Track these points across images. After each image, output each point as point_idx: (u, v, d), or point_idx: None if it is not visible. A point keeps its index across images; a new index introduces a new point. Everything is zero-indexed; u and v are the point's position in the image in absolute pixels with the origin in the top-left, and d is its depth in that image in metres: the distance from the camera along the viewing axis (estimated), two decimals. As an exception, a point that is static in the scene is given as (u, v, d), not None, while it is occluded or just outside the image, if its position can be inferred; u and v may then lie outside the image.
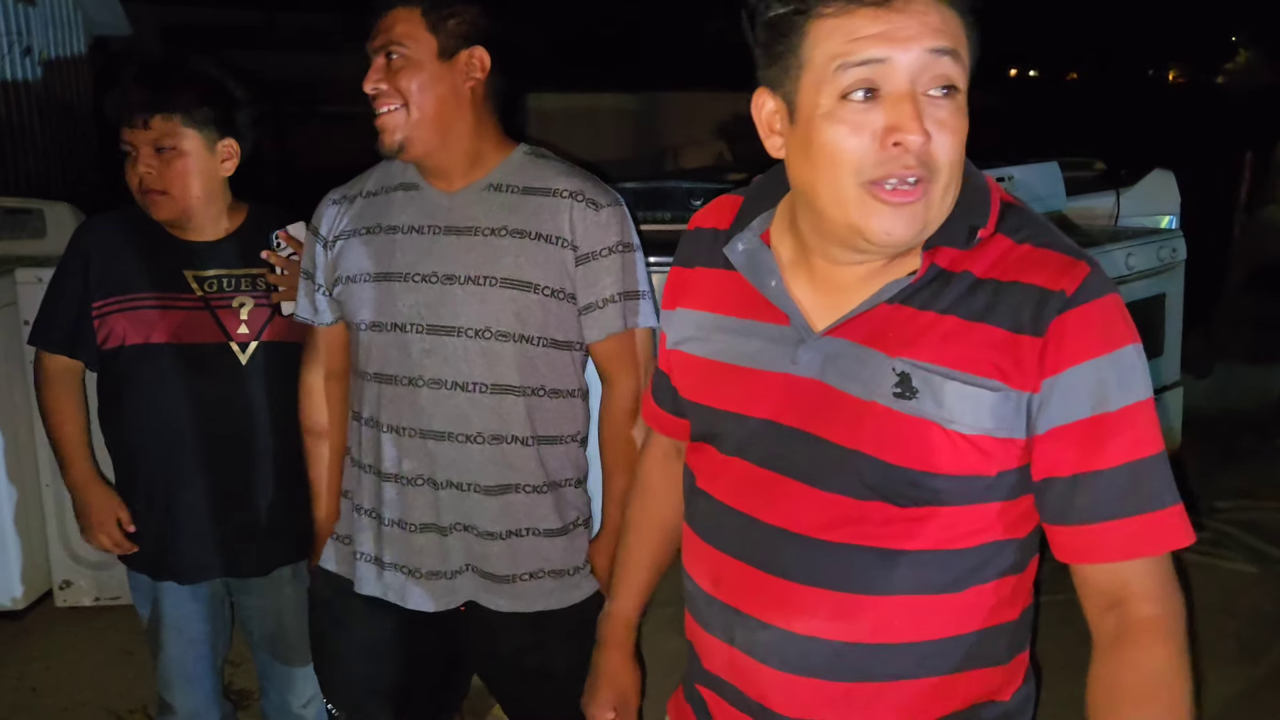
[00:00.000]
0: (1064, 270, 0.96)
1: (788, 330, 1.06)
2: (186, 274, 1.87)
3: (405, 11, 1.52)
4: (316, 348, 1.75)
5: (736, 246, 1.09)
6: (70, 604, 3.19)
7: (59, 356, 1.92)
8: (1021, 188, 4.14)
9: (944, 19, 0.92)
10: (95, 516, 1.95)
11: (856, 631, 1.03)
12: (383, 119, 1.52)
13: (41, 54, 8.10)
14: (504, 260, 1.54)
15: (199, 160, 1.81)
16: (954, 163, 0.94)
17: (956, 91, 0.93)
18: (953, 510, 1.00)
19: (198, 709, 2.01)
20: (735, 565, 1.09)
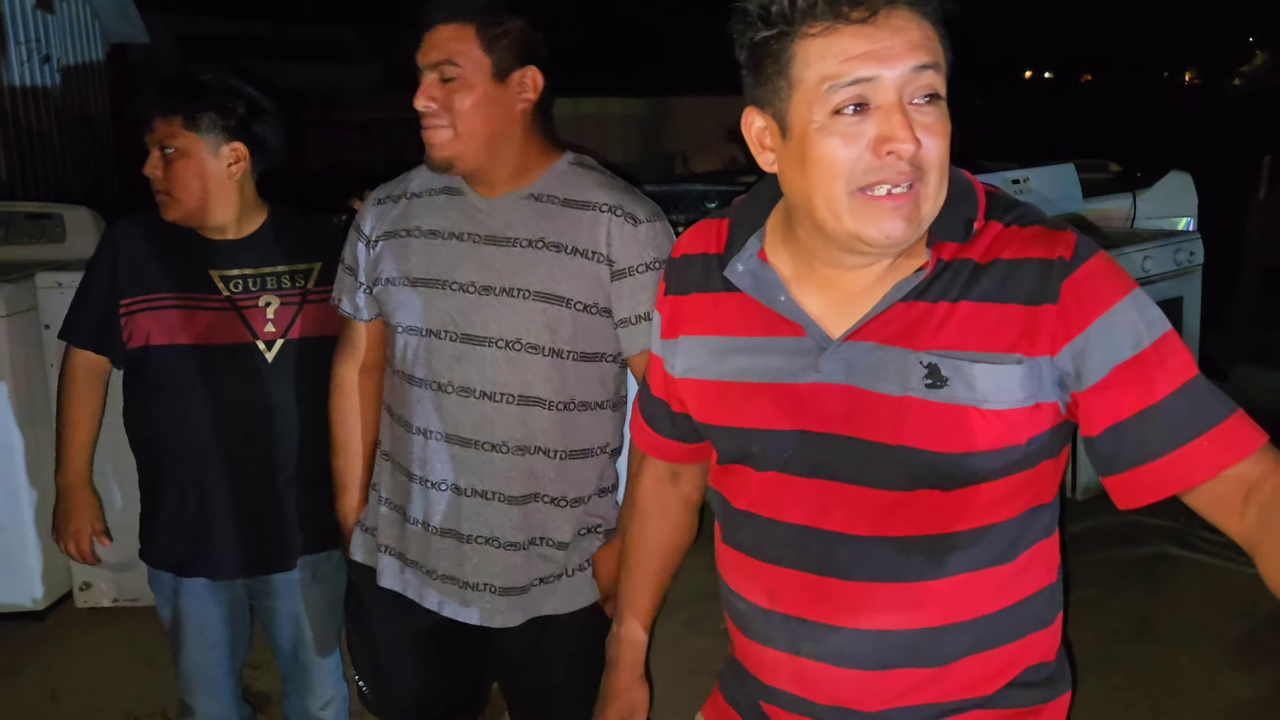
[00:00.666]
0: (1055, 240, 1.02)
1: (805, 341, 1.08)
2: (212, 274, 1.88)
3: (459, 28, 1.50)
4: (353, 341, 1.76)
5: (737, 268, 1.11)
6: (90, 605, 3.21)
7: (85, 352, 1.94)
8: (1037, 190, 4.13)
9: (923, 33, 0.97)
10: (75, 523, 1.97)
11: (924, 617, 1.06)
12: (431, 134, 1.52)
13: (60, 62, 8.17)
14: (537, 272, 1.53)
15: (201, 163, 1.82)
16: (942, 163, 0.99)
17: (939, 98, 0.98)
18: (993, 485, 1.03)
19: (218, 711, 2.02)
20: (794, 576, 1.10)
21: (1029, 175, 4.13)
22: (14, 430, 3.06)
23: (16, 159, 7.32)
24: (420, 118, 1.52)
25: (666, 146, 9.13)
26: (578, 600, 1.64)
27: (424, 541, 1.62)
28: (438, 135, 1.51)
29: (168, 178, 1.81)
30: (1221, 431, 0.98)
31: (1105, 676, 2.78)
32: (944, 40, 1.00)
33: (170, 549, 1.94)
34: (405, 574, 1.65)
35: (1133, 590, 3.22)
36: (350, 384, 1.76)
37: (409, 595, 1.65)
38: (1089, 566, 3.32)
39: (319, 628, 2.03)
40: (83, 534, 1.97)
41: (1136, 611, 3.11)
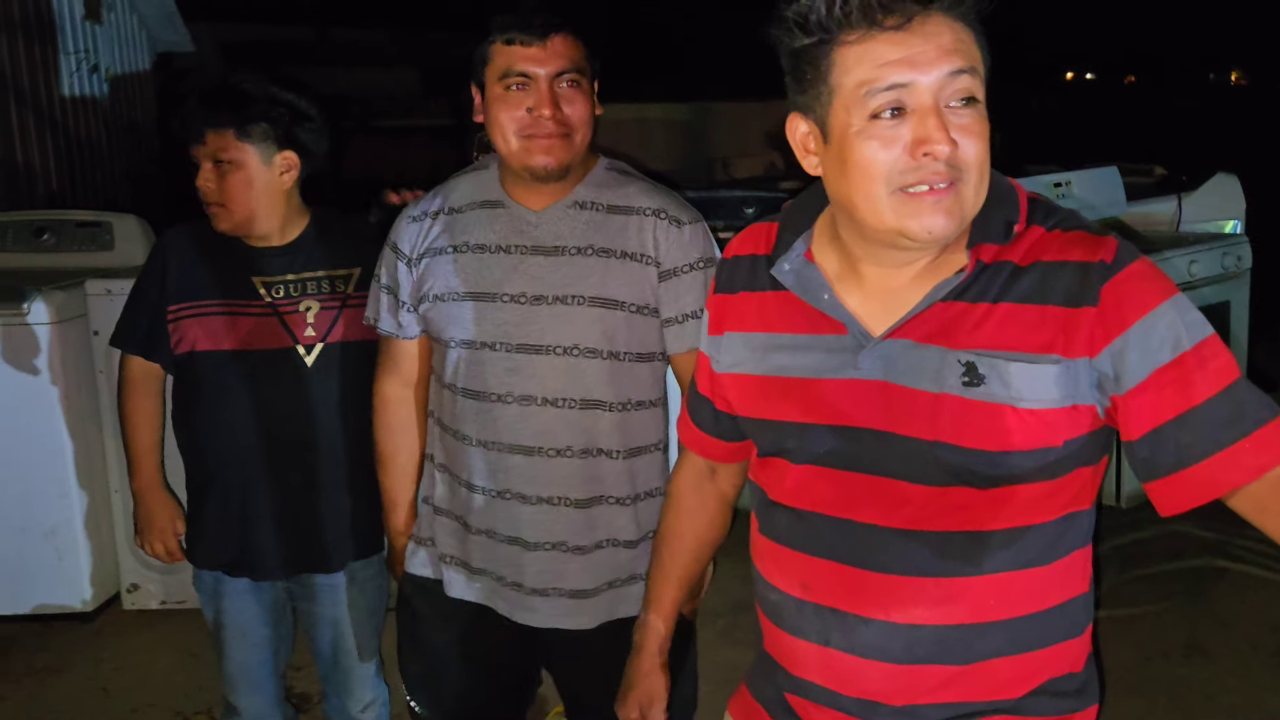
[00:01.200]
0: (1096, 245, 1.02)
1: (846, 339, 1.10)
2: (255, 281, 1.92)
3: (575, 39, 1.55)
4: (395, 359, 1.77)
5: (784, 267, 1.15)
6: (138, 607, 3.28)
7: (138, 359, 1.99)
8: (1080, 193, 4.08)
9: (957, 37, 0.99)
10: (156, 524, 2.01)
11: (956, 614, 1.07)
12: (551, 143, 1.53)
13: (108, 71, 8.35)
14: (590, 279, 1.56)
15: (255, 173, 1.86)
16: (980, 163, 1.01)
17: (975, 101, 1.00)
18: (1029, 486, 1.04)
19: (261, 712, 2.06)
20: (829, 567, 1.12)
21: (1071, 178, 4.09)
22: (64, 434, 3.13)
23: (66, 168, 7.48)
24: (531, 124, 1.53)
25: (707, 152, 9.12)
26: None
27: (490, 550, 1.63)
28: (560, 144, 1.54)
29: (221, 190, 1.84)
30: (1263, 434, 0.97)
31: (1149, 697, 2.72)
32: (982, 44, 1.02)
33: (214, 549, 1.98)
34: (473, 583, 1.67)
35: (1179, 606, 3.16)
36: (394, 400, 1.78)
37: (478, 603, 1.66)
38: (1133, 581, 3.27)
39: (358, 632, 2.06)
40: (168, 533, 2.01)
41: (1182, 629, 3.05)
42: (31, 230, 3.62)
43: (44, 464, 3.13)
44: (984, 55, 1.02)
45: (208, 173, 1.84)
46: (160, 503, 2.02)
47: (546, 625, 1.63)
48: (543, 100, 1.52)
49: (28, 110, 7.02)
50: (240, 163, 1.84)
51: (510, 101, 1.53)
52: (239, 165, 1.84)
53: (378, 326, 1.75)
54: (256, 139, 1.85)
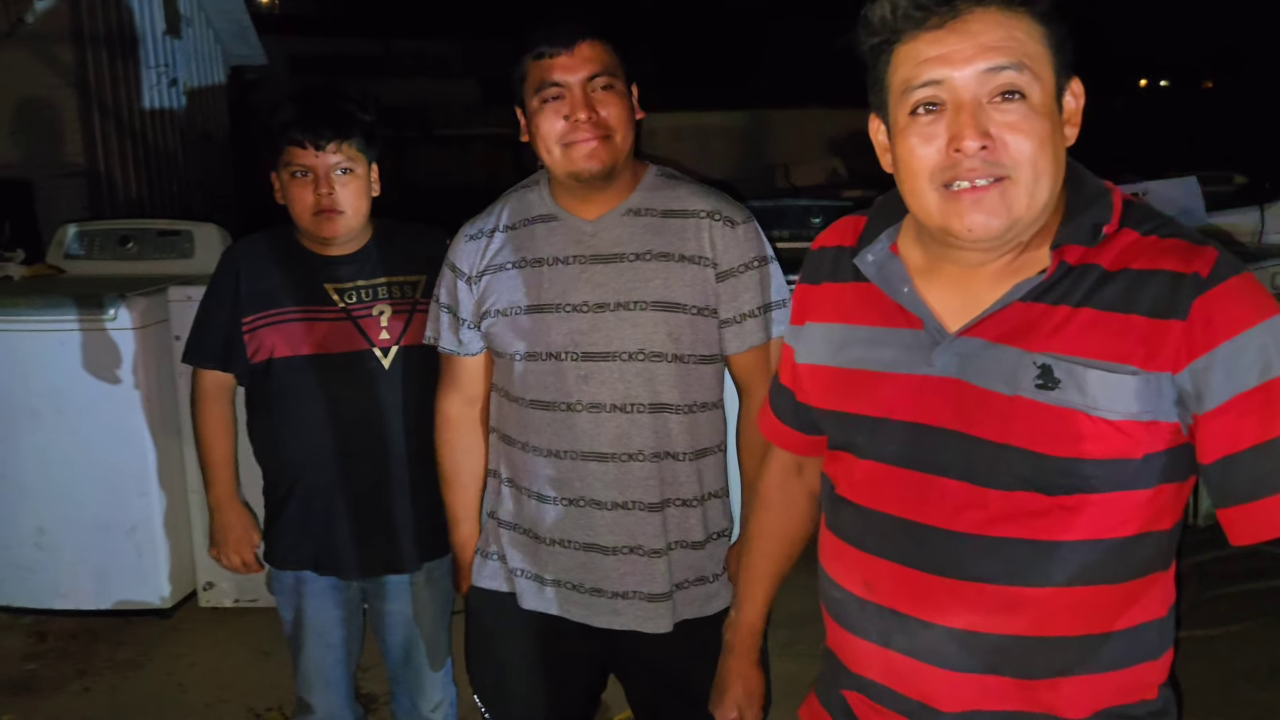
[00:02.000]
0: (1193, 255, 0.98)
1: (921, 334, 1.08)
2: (327, 287, 1.97)
3: (603, 44, 1.56)
4: (456, 376, 1.79)
5: (867, 258, 1.14)
6: (213, 604, 3.37)
7: (213, 372, 2.03)
8: (1156, 204, 3.96)
9: (1005, 34, 0.98)
10: (232, 536, 2.07)
11: (1019, 625, 1.04)
12: (591, 146, 1.55)
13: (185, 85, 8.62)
14: (652, 284, 1.57)
15: (365, 182, 1.94)
16: (1033, 159, 0.98)
17: (1024, 97, 0.98)
18: (1103, 498, 1.01)
19: (334, 710, 2.10)
20: (891, 568, 1.11)
21: (1148, 188, 3.99)
22: (146, 436, 3.22)
23: (145, 177, 7.74)
24: (570, 131, 1.55)
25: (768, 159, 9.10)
26: (718, 604, 1.66)
27: (567, 558, 1.64)
28: (598, 147, 1.55)
29: (342, 197, 1.90)
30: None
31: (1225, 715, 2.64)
32: (1052, 38, 1.00)
33: (295, 551, 2.02)
34: (545, 593, 1.68)
35: (1263, 628, 3.06)
36: (457, 418, 1.80)
37: (553, 613, 1.67)
38: (1214, 601, 3.17)
39: (430, 630, 2.08)
40: (244, 545, 2.07)
41: (1266, 650, 2.95)
42: (116, 239, 3.75)
43: (126, 464, 3.23)
44: (1054, 51, 1.00)
45: (329, 181, 1.88)
46: (237, 515, 2.07)
47: (629, 628, 1.63)
48: (578, 105, 1.54)
49: (110, 122, 7.28)
50: (359, 173, 1.91)
51: (548, 113, 1.56)
52: (357, 174, 1.91)
53: (439, 345, 1.78)
54: (367, 150, 1.92)
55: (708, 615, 1.66)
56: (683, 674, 1.68)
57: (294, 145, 1.87)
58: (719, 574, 1.68)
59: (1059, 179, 1.01)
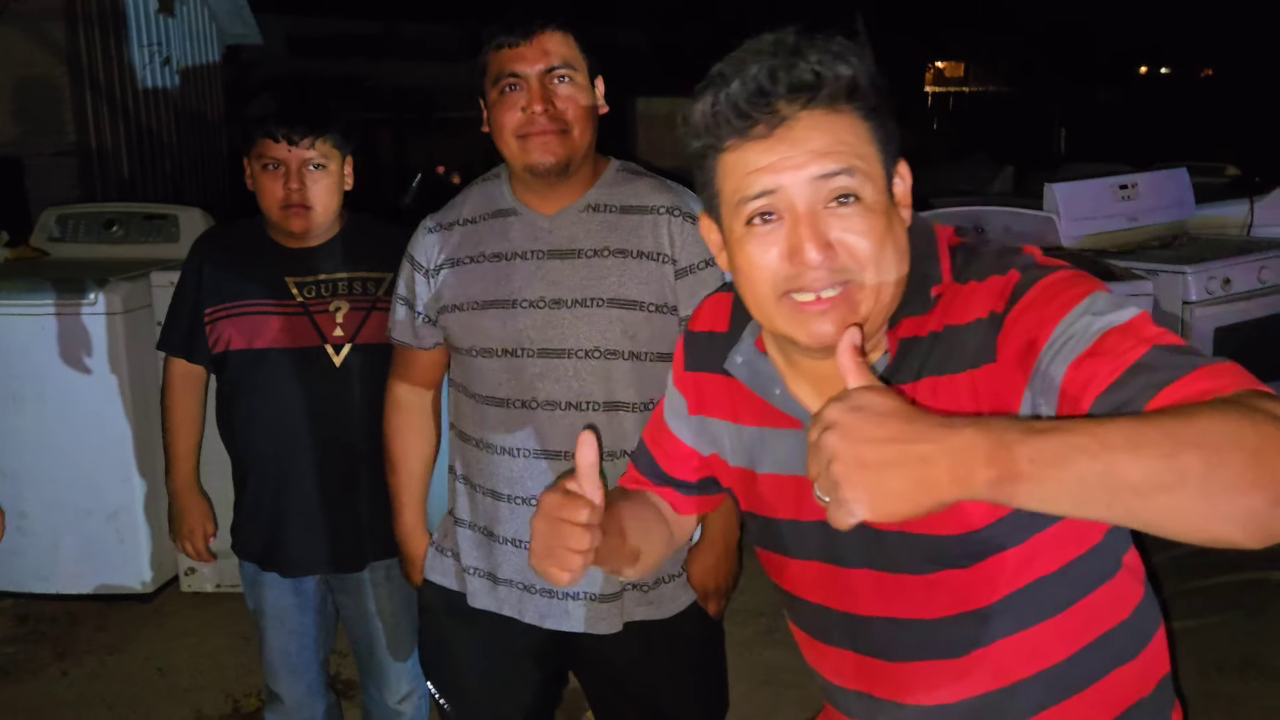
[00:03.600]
0: (996, 292, 0.96)
1: (803, 434, 1.05)
2: (288, 280, 1.96)
3: (563, 35, 1.54)
4: (408, 367, 1.79)
5: (736, 359, 1.10)
6: (194, 590, 3.38)
7: (180, 361, 2.04)
8: (1146, 196, 3.97)
9: (834, 139, 0.94)
10: (187, 524, 2.07)
11: (979, 685, 1.05)
12: (546, 140, 1.53)
13: (179, 64, 8.56)
14: (608, 280, 1.56)
15: (337, 178, 1.93)
16: (876, 258, 0.95)
17: (858, 199, 0.95)
18: (1016, 550, 0.99)
19: (302, 699, 2.10)
20: (853, 658, 1.11)
21: (1138, 180, 3.99)
22: (127, 421, 3.23)
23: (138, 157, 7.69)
24: (526, 124, 1.53)
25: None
26: (674, 605, 1.66)
27: (519, 559, 1.64)
28: (552, 141, 1.52)
29: (313, 193, 1.88)
30: (1206, 372, 0.81)
31: (1201, 713, 2.65)
32: (878, 133, 0.97)
33: (248, 543, 2.03)
34: (498, 592, 1.68)
35: (1236, 620, 3.08)
36: (406, 404, 1.80)
37: (505, 613, 1.67)
38: (1191, 594, 3.18)
39: (393, 626, 2.08)
40: (196, 534, 2.08)
41: (1239, 644, 2.97)
42: (101, 222, 3.74)
43: (107, 449, 3.23)
44: (880, 146, 0.97)
45: (300, 176, 1.87)
46: (193, 504, 2.08)
47: (579, 630, 1.63)
48: (534, 97, 1.52)
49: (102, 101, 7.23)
50: (332, 169, 1.90)
51: (506, 104, 1.54)
52: (330, 170, 1.89)
53: (393, 336, 1.77)
54: (342, 145, 1.91)
55: (663, 619, 1.65)
56: (635, 676, 1.68)
57: (267, 137, 1.85)
58: (675, 575, 1.67)
59: (904, 267, 0.98)
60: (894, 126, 0.99)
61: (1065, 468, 0.70)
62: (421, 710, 2.18)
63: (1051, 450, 0.71)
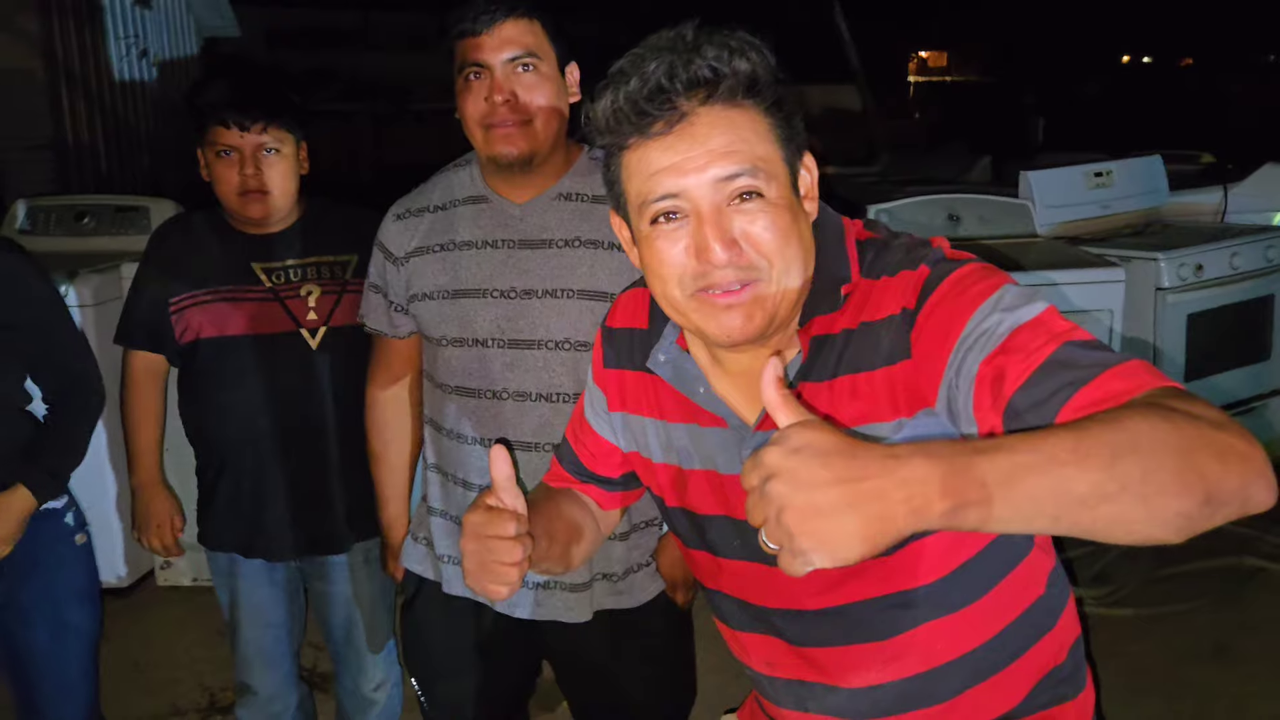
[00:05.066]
0: (908, 287, 0.96)
1: (728, 432, 1.07)
2: (255, 267, 1.95)
3: (528, 23, 1.52)
4: (387, 357, 1.78)
5: (659, 358, 1.10)
6: (170, 583, 3.36)
7: (143, 354, 2.02)
8: (1121, 183, 3.99)
9: (734, 137, 0.94)
10: (155, 520, 2.06)
11: (908, 667, 1.06)
12: (508, 131, 1.51)
13: (156, 56, 8.48)
14: (579, 271, 1.55)
15: (293, 161, 1.91)
16: (780, 251, 0.96)
17: (761, 195, 0.95)
18: (935, 538, 1.00)
19: (276, 691, 2.10)
20: (780, 646, 1.12)
21: (1112, 168, 4.00)
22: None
23: (115, 150, 7.63)
24: (489, 114, 1.52)
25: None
26: (642, 595, 1.67)
27: None
28: (515, 133, 1.51)
29: (269, 177, 1.87)
30: (1112, 374, 0.81)
31: (1172, 700, 2.67)
32: (780, 129, 0.97)
33: (227, 532, 2.02)
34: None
35: (1208, 606, 3.10)
36: (385, 399, 1.79)
37: (479, 600, 1.67)
38: (1163, 580, 3.21)
39: (370, 610, 2.08)
40: (164, 528, 2.06)
41: (1211, 631, 2.99)
42: (73, 214, 3.71)
43: (81, 443, 3.20)
44: (782, 143, 0.97)
45: (254, 161, 1.86)
46: (160, 499, 2.06)
47: (549, 618, 1.64)
48: (495, 87, 1.51)
49: (79, 93, 7.16)
50: (286, 153, 1.89)
51: (470, 93, 1.53)
52: (284, 155, 1.88)
53: (368, 325, 1.76)
54: (296, 130, 1.90)
55: (631, 608, 1.66)
56: (605, 664, 1.69)
57: (219, 124, 1.84)
58: (645, 564, 1.67)
59: (810, 261, 0.99)
60: (798, 121, 0.99)
61: (1016, 487, 0.70)
62: (395, 699, 2.18)
63: (1002, 471, 0.70)
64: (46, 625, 1.83)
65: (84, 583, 1.90)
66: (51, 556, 1.83)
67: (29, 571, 1.80)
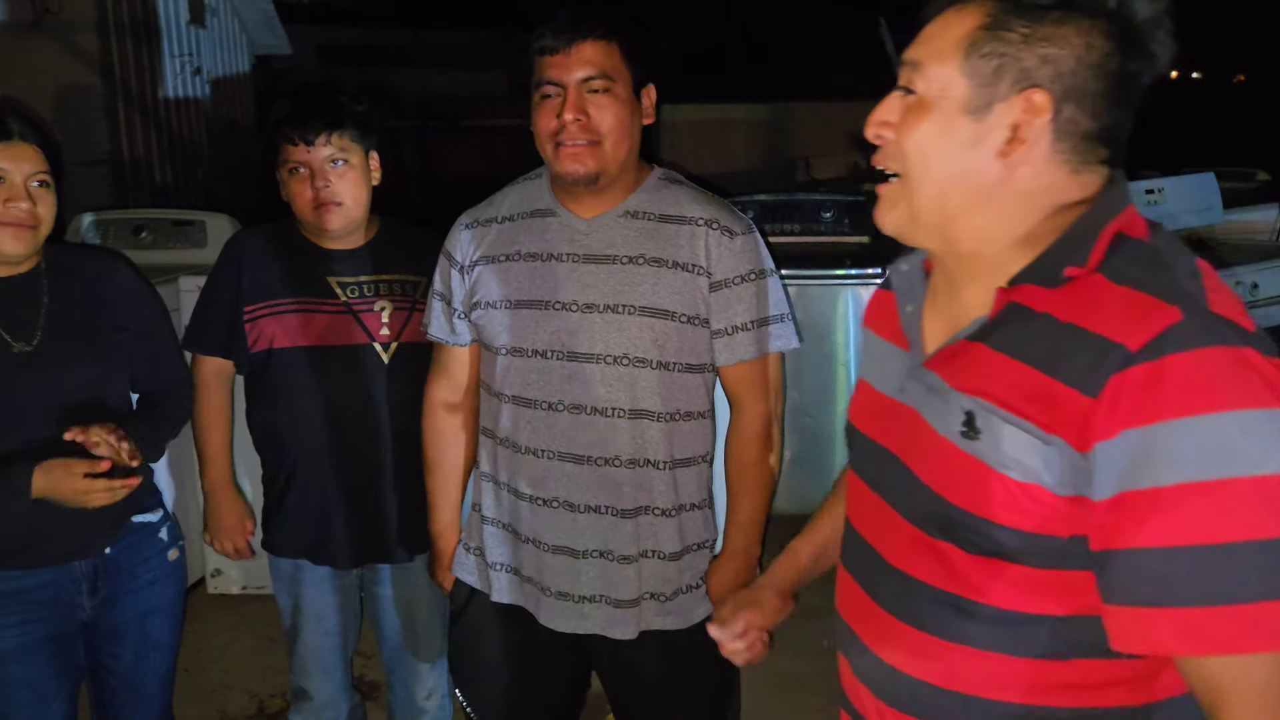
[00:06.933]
0: (1144, 317, 0.85)
1: (907, 357, 1.07)
2: (330, 280, 1.99)
3: (606, 45, 1.54)
4: (446, 365, 1.80)
5: (901, 266, 1.11)
6: (220, 591, 3.41)
7: (212, 359, 2.05)
8: (1173, 201, 3.94)
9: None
10: (226, 522, 2.10)
11: (931, 673, 1.01)
12: (577, 150, 1.54)
13: (210, 74, 8.68)
14: (641, 288, 1.57)
15: (363, 172, 1.95)
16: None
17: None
18: (1024, 570, 0.93)
19: (331, 697, 2.12)
20: (851, 584, 1.11)
21: (1164, 185, 3.95)
22: (157, 423, 3.25)
23: (170, 165, 7.81)
24: (559, 132, 1.54)
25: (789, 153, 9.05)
26: (691, 616, 1.66)
27: (538, 559, 1.65)
28: (586, 151, 1.54)
29: (339, 188, 1.91)
30: (1212, 614, 0.79)
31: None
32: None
33: (292, 540, 2.04)
34: (523, 589, 1.69)
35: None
36: (443, 407, 1.81)
37: (527, 609, 1.69)
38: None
39: (426, 619, 2.10)
40: (236, 532, 2.10)
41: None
42: (131, 228, 3.79)
43: (137, 452, 3.26)
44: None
45: (325, 174, 1.89)
46: (231, 502, 2.10)
47: (594, 632, 1.64)
48: (568, 106, 1.53)
49: (134, 110, 7.35)
50: (354, 163, 1.92)
51: (544, 110, 1.56)
52: (354, 165, 1.92)
53: (429, 332, 1.78)
54: (365, 140, 1.93)
55: (680, 629, 1.65)
56: (651, 683, 1.69)
57: (287, 143, 1.89)
58: (694, 585, 1.66)
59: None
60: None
61: None
62: (445, 709, 2.20)
63: None
64: (133, 640, 1.86)
65: (172, 599, 1.93)
66: (146, 573, 1.87)
67: (124, 586, 1.83)
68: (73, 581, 1.76)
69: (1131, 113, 0.95)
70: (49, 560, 1.73)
